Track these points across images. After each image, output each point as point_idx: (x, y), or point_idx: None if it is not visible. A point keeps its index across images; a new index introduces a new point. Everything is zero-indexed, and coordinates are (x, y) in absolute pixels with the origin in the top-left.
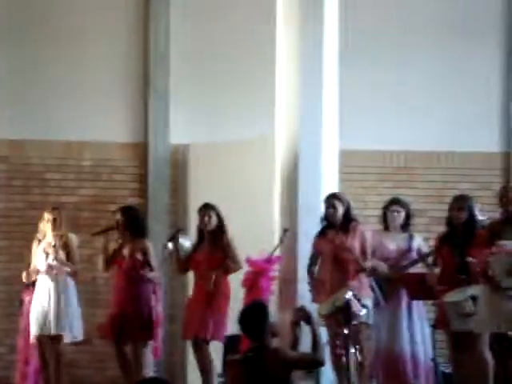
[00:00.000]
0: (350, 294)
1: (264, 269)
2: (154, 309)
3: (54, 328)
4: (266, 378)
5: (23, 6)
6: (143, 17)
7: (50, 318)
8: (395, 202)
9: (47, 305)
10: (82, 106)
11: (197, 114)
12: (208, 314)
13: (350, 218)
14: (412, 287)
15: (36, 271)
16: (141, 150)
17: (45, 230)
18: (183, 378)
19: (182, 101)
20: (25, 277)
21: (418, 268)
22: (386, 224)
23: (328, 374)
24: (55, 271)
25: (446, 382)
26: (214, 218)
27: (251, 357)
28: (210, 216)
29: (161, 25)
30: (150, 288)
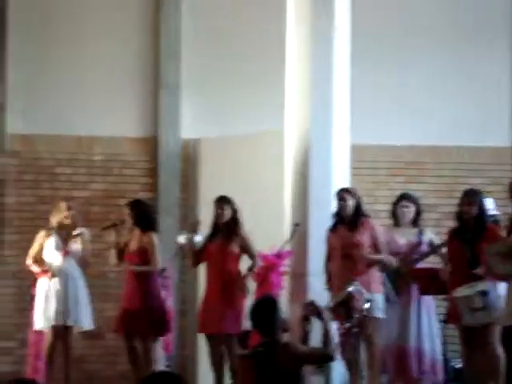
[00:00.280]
0: (352, 287)
1: (275, 263)
2: (165, 303)
3: (67, 319)
4: (277, 372)
5: (38, 4)
6: (154, 14)
7: (62, 308)
8: (405, 197)
9: (59, 296)
10: (92, 101)
11: (207, 109)
12: (225, 307)
13: (360, 213)
14: (423, 282)
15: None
16: (152, 145)
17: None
18: (194, 373)
19: (193, 95)
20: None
21: (430, 262)
22: (396, 220)
23: (339, 369)
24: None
25: (457, 377)
26: (228, 211)
27: (262, 352)
28: (223, 209)
29: (172, 21)
30: (159, 282)
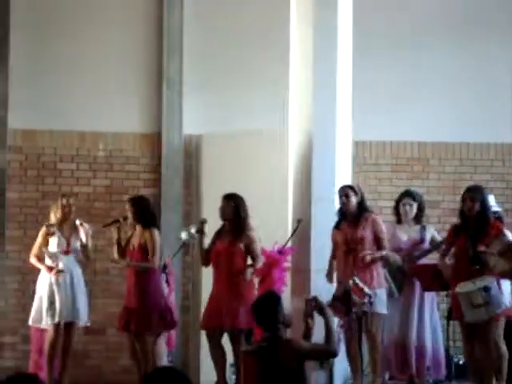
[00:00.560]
0: (350, 282)
1: (277, 260)
2: (163, 301)
3: (71, 316)
4: (279, 368)
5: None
6: (158, 10)
7: (67, 306)
8: (407, 194)
9: (64, 294)
10: (95, 97)
11: (210, 105)
12: (234, 303)
13: (363, 209)
14: (425, 278)
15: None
16: (154, 141)
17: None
18: (197, 368)
19: (196, 91)
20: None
21: (432, 259)
22: (398, 216)
23: (341, 365)
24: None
25: (459, 373)
26: (230, 208)
27: (264, 347)
28: (225, 207)
29: (175, 18)
30: (159, 280)
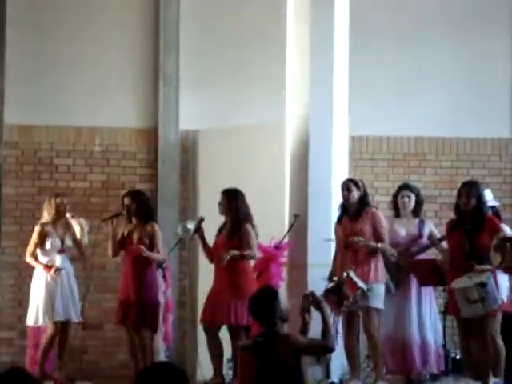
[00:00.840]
0: (344, 274)
1: (274, 255)
2: (164, 294)
3: (69, 314)
4: (276, 363)
5: None
6: (154, 5)
7: (64, 304)
8: (405, 187)
9: (62, 292)
10: (92, 92)
11: (206, 100)
12: (234, 298)
13: (364, 203)
14: (422, 273)
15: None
16: (151, 136)
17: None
18: (194, 364)
19: (192, 87)
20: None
21: (429, 253)
22: (396, 210)
23: (338, 360)
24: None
25: (456, 368)
26: (223, 203)
27: (261, 342)
28: (222, 202)
29: (171, 14)
30: (157, 273)
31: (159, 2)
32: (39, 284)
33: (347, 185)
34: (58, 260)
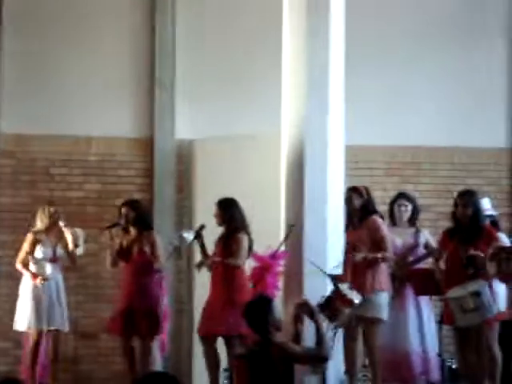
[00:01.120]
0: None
1: (270, 264)
2: (162, 303)
3: (56, 323)
4: (270, 371)
5: (33, 3)
6: (149, 13)
7: (51, 313)
8: (402, 196)
9: (49, 301)
10: (87, 102)
11: (202, 110)
12: (229, 308)
13: (366, 211)
14: (418, 283)
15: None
16: (147, 145)
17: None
18: (189, 373)
19: (188, 96)
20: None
21: (425, 263)
22: (393, 219)
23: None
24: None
25: (452, 377)
26: (218, 214)
27: (255, 351)
28: (217, 213)
29: (167, 22)
30: (158, 282)
31: (155, 11)
32: (26, 291)
33: (347, 193)
34: (48, 269)
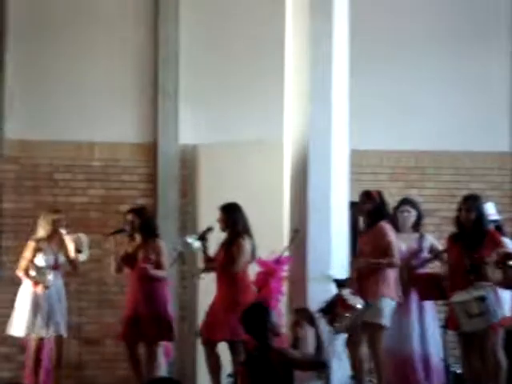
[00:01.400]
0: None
1: (274, 269)
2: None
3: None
4: (269, 377)
5: (37, 10)
6: (153, 19)
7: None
8: (406, 202)
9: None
10: (91, 107)
11: (206, 115)
12: (232, 313)
13: (377, 216)
14: (423, 287)
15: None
16: (150, 151)
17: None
18: (193, 378)
19: (192, 102)
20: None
21: (429, 268)
22: (396, 226)
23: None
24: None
25: (457, 382)
26: (222, 219)
27: (255, 356)
28: (220, 218)
29: (170, 27)
30: (164, 288)
31: (159, 17)
32: (25, 297)
33: (360, 198)
34: (50, 276)
